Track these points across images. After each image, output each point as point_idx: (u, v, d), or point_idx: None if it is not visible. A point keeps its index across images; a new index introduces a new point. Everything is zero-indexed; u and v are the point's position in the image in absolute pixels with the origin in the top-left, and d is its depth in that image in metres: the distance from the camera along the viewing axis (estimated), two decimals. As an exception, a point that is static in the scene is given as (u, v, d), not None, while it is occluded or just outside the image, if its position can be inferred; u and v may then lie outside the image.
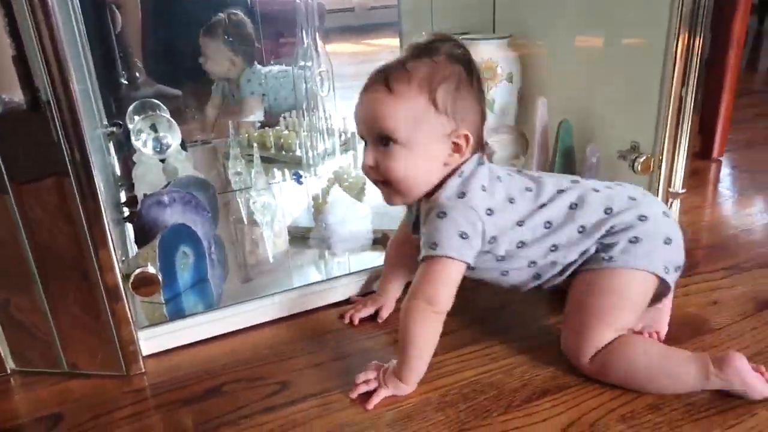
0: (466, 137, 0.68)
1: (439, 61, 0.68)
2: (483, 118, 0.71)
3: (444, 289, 0.66)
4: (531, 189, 0.71)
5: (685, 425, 0.61)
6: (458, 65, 0.68)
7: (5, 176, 0.66)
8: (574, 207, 0.70)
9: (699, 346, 0.73)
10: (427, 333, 0.67)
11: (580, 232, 0.69)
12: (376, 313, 0.83)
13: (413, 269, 0.77)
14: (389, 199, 0.73)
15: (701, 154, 1.45)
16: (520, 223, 0.69)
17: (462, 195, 0.67)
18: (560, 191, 0.71)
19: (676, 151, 0.99)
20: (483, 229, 0.67)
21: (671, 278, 0.69)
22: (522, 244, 0.69)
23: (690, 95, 0.96)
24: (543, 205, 0.70)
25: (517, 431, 0.62)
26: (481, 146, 0.72)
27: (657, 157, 1.00)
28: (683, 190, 1.08)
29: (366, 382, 0.68)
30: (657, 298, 0.71)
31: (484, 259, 0.70)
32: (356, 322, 0.82)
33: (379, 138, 0.68)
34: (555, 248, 0.69)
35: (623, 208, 0.69)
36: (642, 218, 0.69)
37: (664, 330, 0.75)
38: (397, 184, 0.70)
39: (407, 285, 0.84)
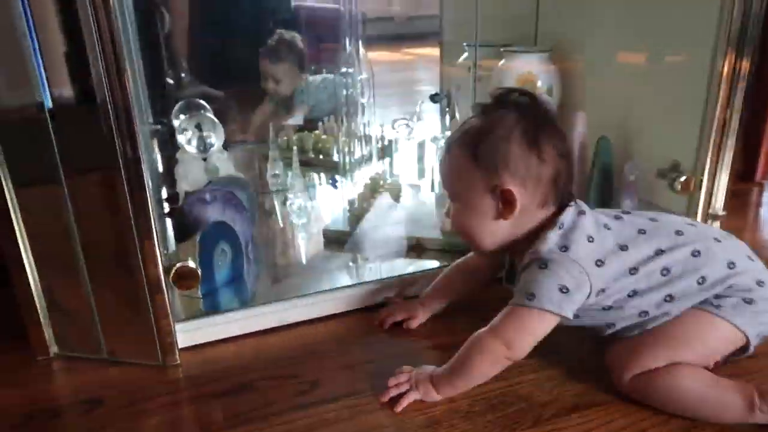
0: (509, 192, 0.66)
1: (490, 117, 0.68)
2: (553, 165, 0.66)
3: (528, 340, 0.65)
4: (644, 231, 0.69)
5: (718, 450, 0.60)
6: (514, 115, 0.67)
7: (60, 170, 0.69)
8: (696, 255, 0.67)
9: (735, 372, 0.72)
10: (488, 371, 0.67)
11: (699, 284, 0.66)
12: (404, 322, 0.83)
13: (464, 296, 0.82)
14: (473, 250, 0.76)
15: (743, 176, 1.42)
16: (633, 271, 0.66)
17: (564, 248, 0.66)
18: (678, 233, 0.68)
19: (718, 172, 0.98)
20: (590, 282, 0.65)
21: (754, 345, 0.68)
22: (634, 293, 0.67)
23: (734, 116, 0.95)
24: (660, 251, 0.67)
25: (545, 445, 0.62)
26: (570, 197, 0.69)
27: (698, 177, 0.98)
28: (724, 212, 1.06)
29: (397, 385, 0.69)
30: (726, 358, 0.70)
31: (590, 311, 0.68)
32: (386, 326, 0.83)
33: (448, 193, 0.73)
34: (670, 299, 0.67)
35: (745, 268, 0.67)
36: (760, 283, 0.67)
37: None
38: (464, 236, 0.72)
39: (449, 306, 0.85)
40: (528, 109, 0.68)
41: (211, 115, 1.09)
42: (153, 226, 0.70)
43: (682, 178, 0.98)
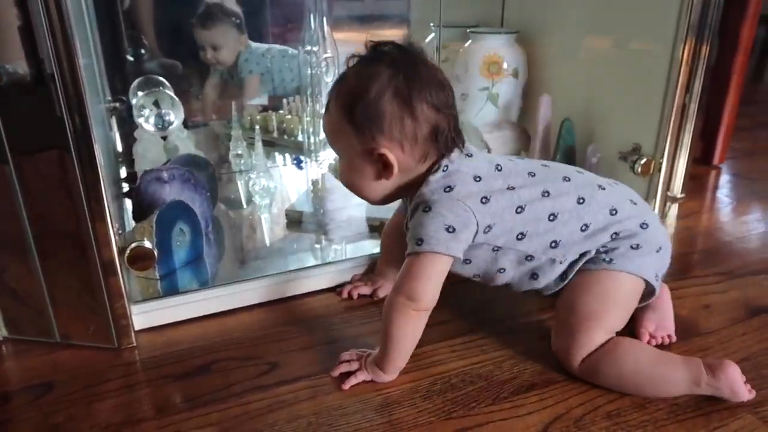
0: (384, 156, 0.65)
1: (364, 72, 0.65)
2: (429, 122, 0.65)
3: (427, 285, 0.65)
4: (534, 174, 0.70)
5: (670, 425, 0.62)
6: (386, 72, 0.64)
7: (6, 146, 0.66)
8: (581, 201, 0.68)
9: (688, 349, 0.74)
10: (405, 329, 0.66)
11: (583, 230, 0.68)
12: (374, 292, 0.85)
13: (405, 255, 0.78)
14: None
15: (702, 159, 1.46)
16: (519, 210, 0.67)
17: (448, 189, 0.66)
18: (566, 179, 0.70)
19: (677, 155, 1.00)
20: (476, 219, 0.66)
21: (658, 284, 0.70)
22: (521, 236, 0.68)
23: (693, 100, 0.97)
24: (547, 193, 0.68)
25: (503, 423, 0.63)
26: (455, 144, 0.68)
27: (657, 160, 1.00)
28: (682, 195, 1.09)
29: (349, 363, 0.69)
30: (640, 301, 0.72)
31: (480, 251, 0.69)
32: (355, 296, 0.84)
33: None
34: (555, 244, 0.68)
35: (627, 214, 0.69)
36: (644, 225, 0.69)
37: (672, 330, 0.76)
38: (350, 190, 0.72)
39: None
40: (401, 63, 0.64)
41: (170, 92, 1.06)
42: (106, 206, 0.68)
43: (643, 161, 1.00)
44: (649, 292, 0.71)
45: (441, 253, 0.65)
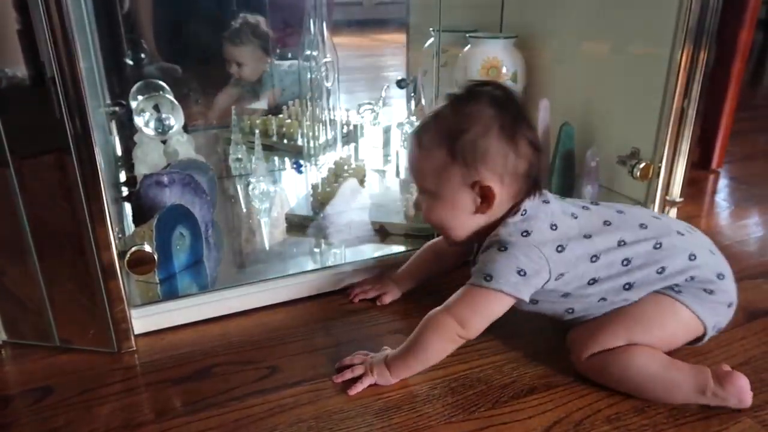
0: (489, 189, 0.67)
1: (466, 110, 0.67)
2: (527, 159, 0.67)
3: (481, 320, 0.66)
4: (609, 223, 0.69)
5: (669, 429, 0.62)
6: (490, 110, 0.67)
7: (6, 149, 0.66)
8: (658, 247, 0.68)
9: (688, 353, 0.74)
10: (441, 349, 0.67)
11: (658, 273, 0.67)
12: (378, 298, 0.85)
13: (435, 276, 0.83)
14: (445, 241, 0.76)
15: (700, 164, 1.46)
16: (594, 259, 0.67)
17: (525, 233, 0.66)
18: (642, 226, 0.69)
19: (676, 160, 1.00)
20: (549, 267, 0.65)
21: (709, 336, 0.70)
22: (593, 281, 0.67)
23: (692, 105, 0.97)
24: (623, 243, 0.68)
25: (504, 427, 0.63)
26: (537, 187, 0.70)
27: (656, 164, 1.00)
28: (681, 199, 1.09)
29: (352, 369, 0.69)
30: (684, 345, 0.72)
31: (548, 294, 0.69)
32: (357, 300, 0.85)
33: (418, 186, 0.73)
34: (629, 287, 0.67)
35: (705, 262, 0.68)
36: (720, 276, 0.69)
37: None
38: (438, 229, 0.74)
39: (421, 285, 0.86)
40: (503, 102, 0.68)
41: (170, 96, 1.06)
42: (106, 210, 0.68)
43: (641, 165, 1.00)
44: (697, 339, 0.70)
45: (507, 294, 0.65)
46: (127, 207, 1.01)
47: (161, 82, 1.14)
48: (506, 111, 0.67)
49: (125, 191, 1.08)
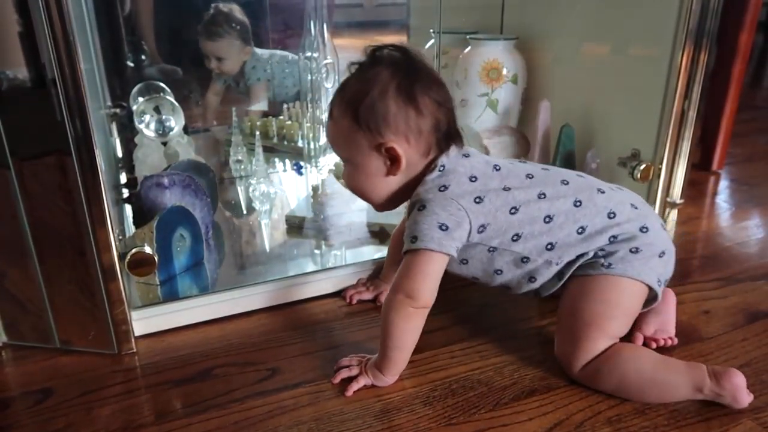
0: (393, 150, 0.67)
1: (366, 75, 0.67)
2: (432, 116, 0.67)
3: (424, 282, 0.66)
4: (532, 176, 0.70)
5: (670, 431, 0.62)
6: (387, 72, 0.66)
7: (7, 151, 0.66)
8: (578, 204, 0.69)
9: (688, 354, 0.74)
10: (405, 327, 0.67)
11: (579, 233, 0.68)
12: (376, 298, 0.85)
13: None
14: (372, 207, 0.76)
15: (701, 165, 1.46)
16: (513, 210, 0.68)
17: (443, 188, 0.67)
18: (564, 182, 0.70)
19: (676, 161, 1.00)
20: (468, 219, 0.66)
21: (660, 290, 0.70)
22: (517, 237, 0.68)
23: (692, 106, 0.97)
24: (543, 195, 0.69)
25: (504, 429, 0.63)
26: (452, 141, 0.69)
27: (657, 165, 1.00)
28: (681, 201, 1.09)
29: (349, 368, 0.69)
30: (643, 306, 0.72)
31: (476, 251, 0.70)
32: (354, 302, 0.85)
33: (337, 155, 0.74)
34: (551, 247, 0.69)
35: (627, 217, 0.69)
36: (643, 229, 0.69)
37: (673, 333, 0.76)
38: (358, 196, 0.74)
39: None
40: (400, 63, 0.67)
41: (170, 98, 1.06)
42: (106, 212, 0.68)
43: (642, 167, 1.00)
44: (651, 297, 0.71)
45: (434, 250, 0.65)
46: (128, 208, 1.01)
47: (162, 84, 1.14)
48: (404, 71, 0.67)
49: (126, 193, 1.08)
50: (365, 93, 0.66)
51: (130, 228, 0.93)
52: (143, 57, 1.24)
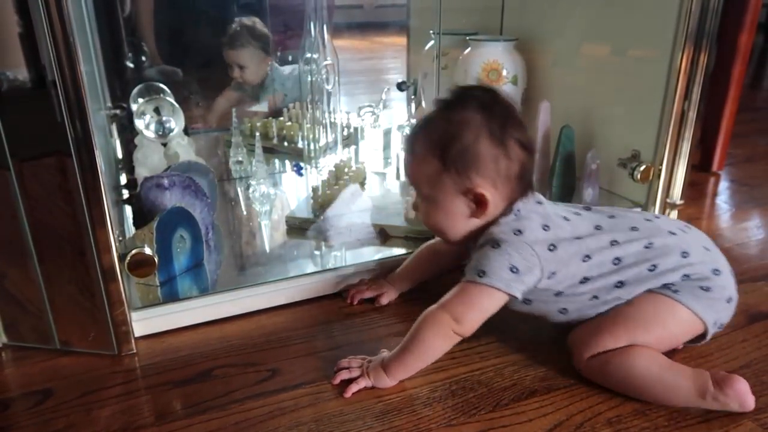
0: (482, 195, 0.67)
1: (455, 117, 0.67)
2: (519, 161, 0.68)
3: (476, 315, 0.66)
4: (600, 227, 0.70)
5: (670, 432, 0.62)
6: (479, 116, 0.67)
7: (7, 152, 0.66)
8: (649, 247, 0.68)
9: (688, 356, 0.74)
10: (438, 346, 0.67)
11: (650, 271, 0.68)
12: (377, 298, 0.85)
13: (432, 276, 0.84)
14: (444, 241, 0.76)
15: (701, 166, 1.46)
16: (586, 258, 0.68)
17: (518, 232, 0.67)
18: (634, 229, 0.70)
19: (676, 162, 1.00)
20: (540, 266, 0.66)
21: (712, 333, 0.70)
22: (585, 280, 0.68)
23: (692, 107, 0.97)
24: (615, 242, 0.68)
25: (504, 429, 0.63)
26: (529, 187, 0.70)
27: (657, 166, 1.00)
28: (681, 201, 1.09)
29: (349, 369, 0.69)
30: (687, 343, 0.72)
31: (541, 294, 0.69)
32: (355, 302, 0.85)
33: (415, 190, 0.73)
34: (621, 285, 0.68)
35: (700, 259, 0.69)
36: (716, 272, 0.69)
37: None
38: (435, 232, 0.74)
39: (418, 286, 0.87)
40: (491, 106, 0.68)
41: (170, 99, 1.06)
42: (106, 213, 0.68)
43: (642, 168, 1.00)
44: (698, 337, 0.70)
45: (500, 290, 0.65)
46: (128, 209, 1.01)
47: (162, 85, 1.14)
48: (494, 115, 0.67)
49: (126, 194, 1.08)
50: (456, 136, 0.66)
51: (130, 229, 0.93)
52: (143, 58, 1.24)
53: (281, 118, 1.35)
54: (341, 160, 1.18)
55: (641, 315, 0.67)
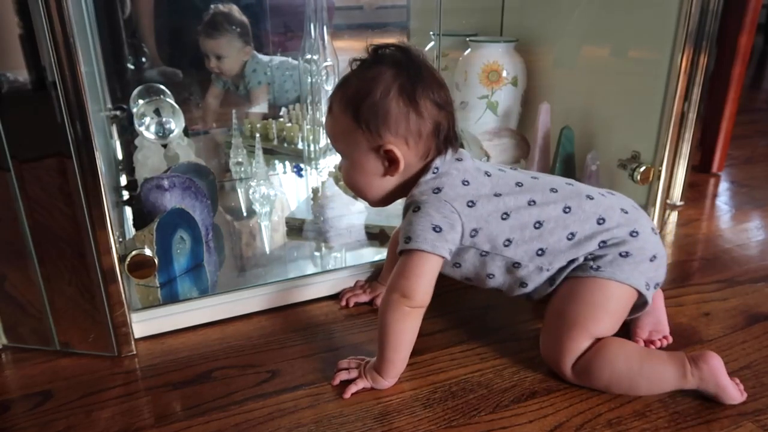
0: (392, 152, 0.67)
1: (368, 74, 0.67)
2: (433, 119, 0.67)
3: (419, 282, 0.66)
4: (521, 184, 0.71)
5: (670, 433, 0.62)
6: (390, 73, 0.66)
7: (7, 153, 0.66)
8: (567, 211, 0.69)
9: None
10: (402, 327, 0.67)
11: (569, 239, 0.68)
12: (373, 301, 0.85)
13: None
14: (367, 203, 0.76)
15: (701, 167, 1.46)
16: (504, 216, 0.68)
17: (437, 190, 0.68)
18: (553, 190, 0.70)
19: (676, 163, 1.00)
20: (461, 221, 0.67)
21: (650, 294, 0.70)
22: (508, 242, 0.69)
23: (692, 108, 0.97)
24: (533, 202, 0.69)
25: (504, 431, 0.62)
26: (448, 144, 0.70)
27: (657, 167, 1.00)
28: (681, 203, 1.09)
29: (348, 371, 0.69)
30: (633, 311, 0.71)
31: (468, 255, 0.70)
32: (351, 305, 0.85)
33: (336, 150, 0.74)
34: (542, 252, 0.69)
35: (616, 222, 0.69)
36: (633, 234, 0.69)
37: (668, 332, 0.76)
38: (355, 192, 0.74)
39: None
40: (404, 64, 0.67)
41: (170, 100, 1.07)
42: (107, 214, 0.68)
43: (642, 169, 1.00)
44: (641, 302, 0.70)
45: (427, 251, 0.65)
46: (128, 211, 1.01)
47: (162, 86, 1.14)
48: (406, 72, 0.66)
49: (126, 195, 1.08)
50: (367, 93, 0.66)
51: (130, 230, 0.93)
52: (143, 59, 1.24)
53: (281, 119, 1.35)
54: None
55: (581, 307, 0.67)
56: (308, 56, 1.16)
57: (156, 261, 0.77)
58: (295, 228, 1.02)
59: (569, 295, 0.69)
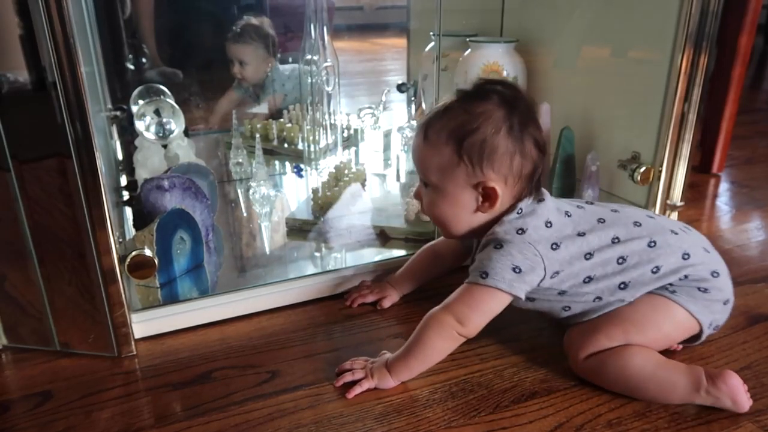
0: (493, 190, 0.67)
1: (475, 109, 0.67)
2: (533, 161, 0.68)
3: (480, 317, 0.66)
4: (603, 220, 0.70)
5: (670, 434, 0.62)
6: (499, 110, 0.66)
7: (7, 154, 0.66)
8: (652, 245, 0.68)
9: (689, 357, 0.74)
10: (442, 348, 0.67)
11: (653, 272, 0.68)
12: (378, 302, 0.85)
13: (434, 278, 0.84)
14: (443, 233, 0.75)
15: (701, 168, 1.46)
16: (588, 256, 0.67)
17: (521, 231, 0.67)
18: (636, 224, 0.70)
19: (676, 164, 1.00)
20: (544, 265, 0.66)
21: (706, 334, 0.70)
22: (589, 279, 0.68)
23: (692, 109, 0.97)
24: (617, 240, 0.68)
25: (504, 431, 0.62)
26: (537, 187, 0.70)
27: (657, 168, 1.00)
28: (681, 203, 1.09)
29: (352, 372, 0.69)
30: (682, 343, 0.72)
31: (545, 293, 0.69)
32: (356, 305, 0.84)
33: (421, 178, 0.72)
34: (624, 286, 0.68)
35: (700, 260, 0.69)
36: (714, 274, 0.69)
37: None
38: (436, 222, 0.73)
39: (420, 288, 0.87)
40: (513, 102, 0.67)
41: (171, 100, 1.06)
42: (107, 214, 0.68)
43: (642, 169, 1.00)
44: (694, 338, 0.71)
45: (503, 290, 0.65)
46: (128, 211, 1.01)
47: (162, 87, 1.14)
48: (516, 111, 0.67)
49: (126, 195, 1.08)
50: (475, 128, 0.66)
51: (130, 231, 0.93)
52: (143, 60, 1.24)
53: (281, 120, 1.35)
54: (341, 162, 1.18)
55: (637, 315, 0.68)
56: (308, 57, 1.16)
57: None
58: (295, 228, 1.02)
59: (635, 301, 0.68)
